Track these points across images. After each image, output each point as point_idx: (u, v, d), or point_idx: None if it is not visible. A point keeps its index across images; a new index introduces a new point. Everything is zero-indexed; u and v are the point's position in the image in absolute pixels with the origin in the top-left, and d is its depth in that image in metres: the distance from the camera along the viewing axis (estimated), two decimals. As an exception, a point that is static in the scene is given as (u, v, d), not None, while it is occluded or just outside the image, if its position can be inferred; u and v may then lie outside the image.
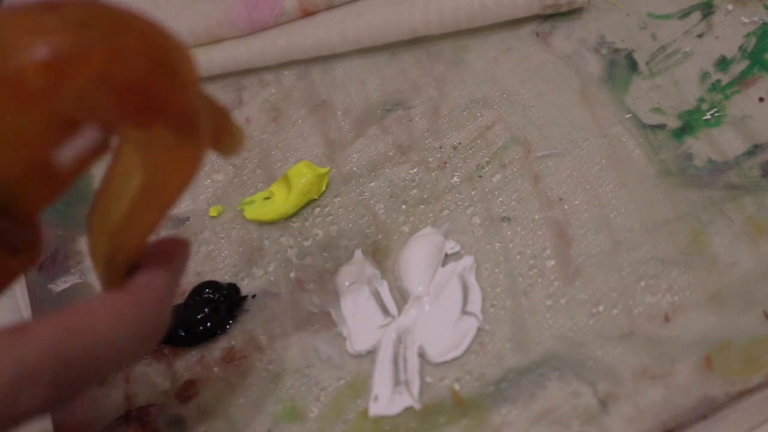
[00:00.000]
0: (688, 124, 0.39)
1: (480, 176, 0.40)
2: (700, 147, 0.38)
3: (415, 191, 0.40)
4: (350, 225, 0.40)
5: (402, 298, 0.37)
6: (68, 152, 0.26)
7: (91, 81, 0.24)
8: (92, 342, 0.25)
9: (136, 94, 0.26)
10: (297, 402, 0.36)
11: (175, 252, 0.30)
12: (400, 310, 0.37)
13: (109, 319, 0.26)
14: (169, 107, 0.27)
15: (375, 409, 0.35)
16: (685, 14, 0.42)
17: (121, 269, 0.29)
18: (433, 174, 0.41)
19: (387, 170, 0.41)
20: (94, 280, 0.42)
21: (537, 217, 0.38)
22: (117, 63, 0.25)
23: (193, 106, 0.27)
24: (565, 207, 0.38)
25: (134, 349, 0.27)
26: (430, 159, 0.41)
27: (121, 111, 0.26)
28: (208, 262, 0.41)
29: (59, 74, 0.24)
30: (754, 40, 0.41)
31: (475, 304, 0.36)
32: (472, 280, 0.37)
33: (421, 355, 0.35)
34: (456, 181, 0.40)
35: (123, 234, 0.29)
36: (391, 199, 0.40)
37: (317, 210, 0.41)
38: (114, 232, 0.28)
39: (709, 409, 0.32)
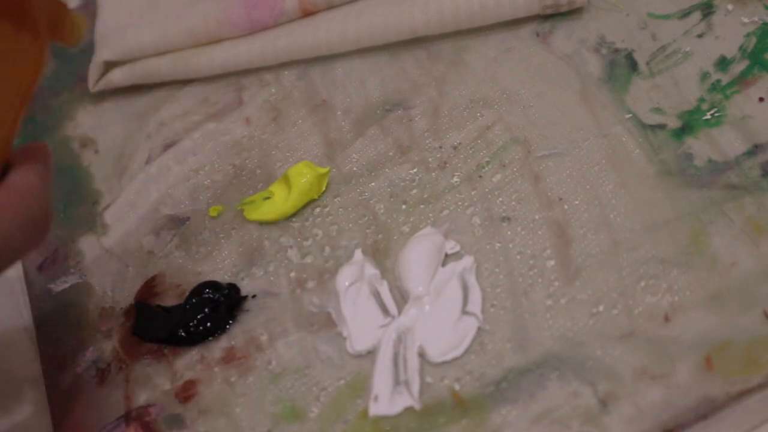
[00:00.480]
0: (688, 124, 0.39)
1: (480, 176, 0.40)
2: (700, 147, 0.38)
3: (415, 191, 0.40)
4: (350, 225, 0.40)
5: (402, 298, 0.37)
6: None
7: None
8: None
9: None
10: (297, 402, 0.36)
11: (39, 151, 0.32)
12: (400, 310, 0.37)
13: None
14: None
15: (375, 409, 0.35)
16: (685, 14, 0.42)
17: None
18: (433, 174, 0.41)
19: (387, 170, 0.41)
20: (94, 280, 0.42)
21: (537, 217, 0.38)
22: None
23: None
24: (565, 207, 0.38)
25: (22, 239, 0.30)
26: (430, 159, 0.41)
27: None
28: (208, 262, 0.41)
29: None
30: (754, 40, 0.41)
31: (475, 304, 0.36)
32: (472, 280, 0.37)
33: (421, 355, 0.35)
34: (456, 181, 0.40)
35: None
36: (391, 199, 0.40)
37: (317, 210, 0.41)
38: None
39: (709, 409, 0.32)
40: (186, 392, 0.37)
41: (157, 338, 0.39)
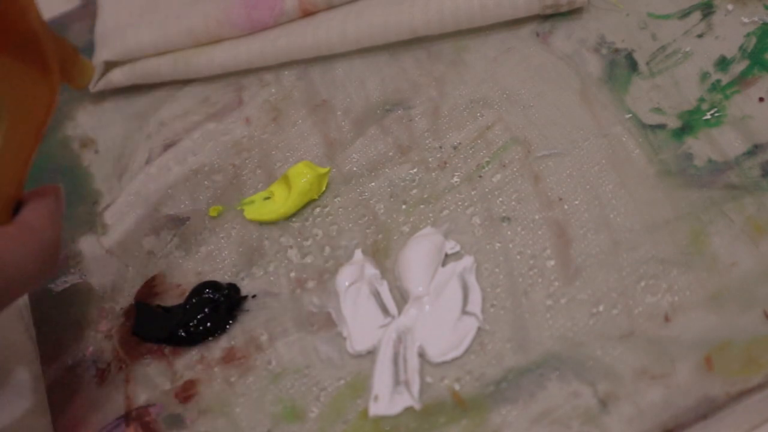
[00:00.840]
0: (688, 124, 0.39)
1: (480, 176, 0.40)
2: (700, 147, 0.38)
3: (415, 191, 0.40)
4: (350, 225, 0.40)
5: (402, 298, 0.37)
6: None
7: None
8: None
9: None
10: (297, 402, 0.36)
11: (50, 190, 0.34)
12: (400, 310, 0.37)
13: (9, 243, 0.30)
14: (12, 30, 0.30)
15: (375, 409, 0.35)
16: (685, 14, 0.42)
17: (6, 208, 0.32)
18: (433, 174, 0.41)
19: (387, 170, 0.41)
20: (94, 280, 0.42)
21: (537, 217, 0.38)
22: None
23: (35, 30, 0.30)
24: (565, 207, 0.38)
25: (33, 272, 0.31)
26: (430, 159, 0.41)
27: None
28: (208, 262, 0.41)
29: None
30: (754, 40, 0.41)
31: (475, 304, 0.36)
32: (472, 280, 0.37)
33: (421, 355, 0.35)
34: (456, 181, 0.40)
35: (3, 171, 0.32)
36: (391, 199, 0.40)
37: (317, 210, 0.41)
38: None
39: (709, 409, 0.32)
40: (186, 392, 0.37)
41: (157, 338, 0.39)
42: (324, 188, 0.41)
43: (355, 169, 0.42)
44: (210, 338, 0.38)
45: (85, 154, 0.47)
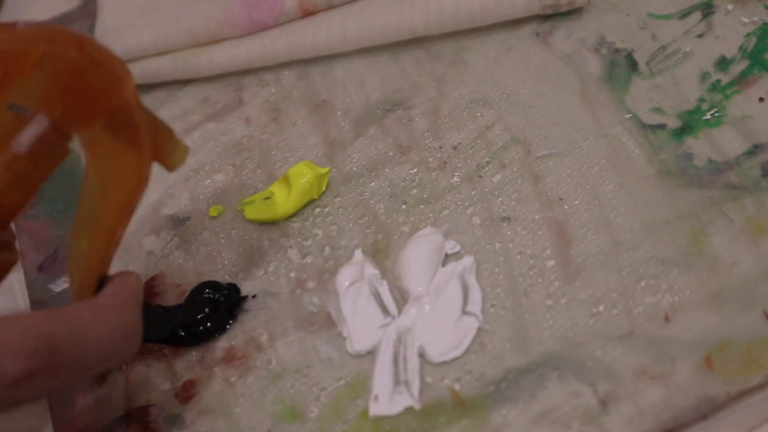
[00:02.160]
0: (688, 124, 0.39)
1: (480, 176, 0.40)
2: (700, 147, 0.38)
3: (415, 191, 0.40)
4: (350, 225, 0.40)
5: (402, 298, 0.37)
6: (24, 139, 0.30)
7: (33, 73, 0.28)
8: (75, 329, 0.28)
9: (74, 83, 0.29)
10: (297, 402, 0.36)
11: (131, 274, 0.34)
12: (400, 310, 0.37)
13: (91, 313, 0.30)
14: (106, 101, 0.30)
15: (375, 409, 0.35)
16: (685, 14, 0.42)
17: (92, 282, 0.32)
18: (433, 174, 0.41)
19: (387, 170, 0.41)
20: (94, 280, 0.42)
21: (537, 217, 0.38)
22: (55, 57, 0.28)
23: (129, 103, 0.30)
24: (565, 207, 0.38)
25: (115, 344, 0.30)
26: (430, 159, 0.41)
27: (62, 100, 0.29)
28: (208, 262, 0.41)
29: (5, 69, 0.28)
30: (754, 40, 0.41)
31: (475, 304, 0.36)
32: (472, 280, 0.37)
33: (421, 355, 0.35)
34: (456, 181, 0.40)
35: (90, 245, 0.32)
36: (391, 199, 0.40)
37: (317, 210, 0.41)
38: (86, 243, 0.32)
39: (709, 409, 0.32)
40: (186, 392, 0.37)
41: (157, 338, 0.39)
42: (324, 188, 0.41)
43: (355, 169, 0.42)
44: (210, 338, 0.38)
45: (85, 154, 0.47)
